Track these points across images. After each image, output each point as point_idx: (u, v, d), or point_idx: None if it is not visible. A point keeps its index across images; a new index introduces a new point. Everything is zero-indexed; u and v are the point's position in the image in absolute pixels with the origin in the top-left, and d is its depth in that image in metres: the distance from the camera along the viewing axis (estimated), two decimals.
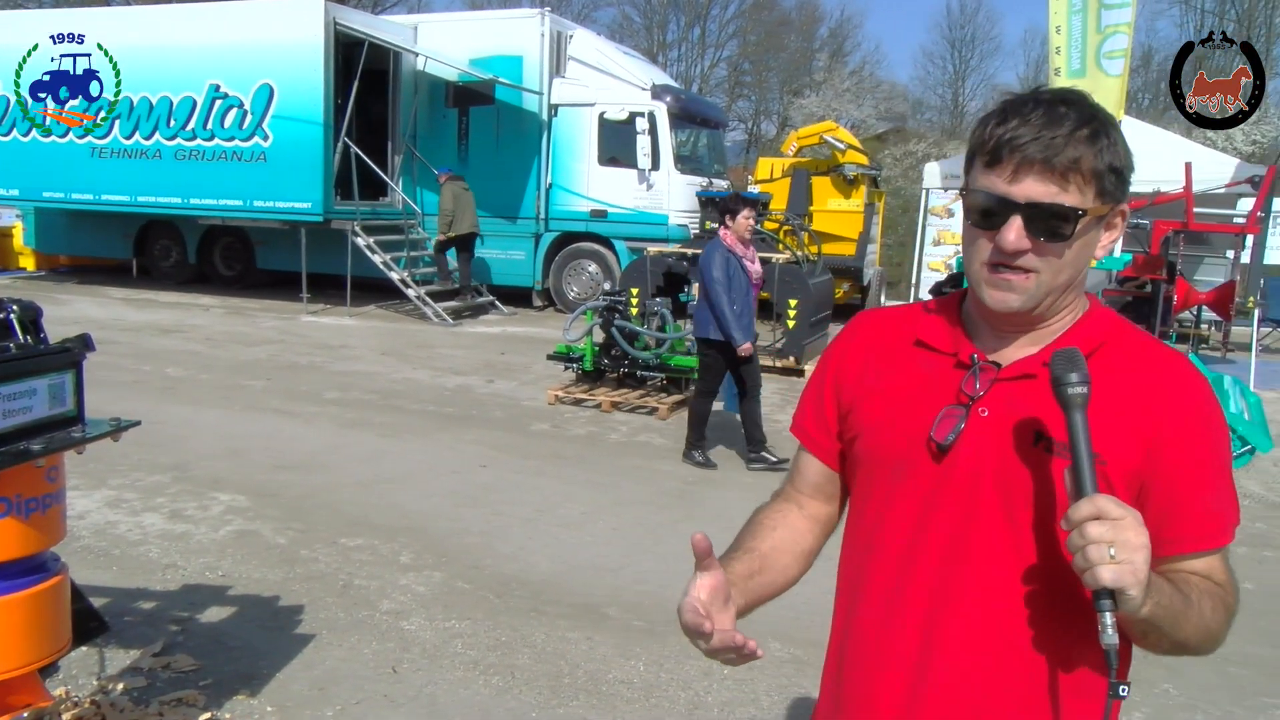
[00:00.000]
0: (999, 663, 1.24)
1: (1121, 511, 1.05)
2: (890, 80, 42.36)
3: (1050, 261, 1.20)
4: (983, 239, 1.23)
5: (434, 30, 14.55)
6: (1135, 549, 1.04)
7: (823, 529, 1.50)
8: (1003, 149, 1.19)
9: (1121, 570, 1.04)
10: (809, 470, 1.49)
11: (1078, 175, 1.17)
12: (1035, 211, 1.18)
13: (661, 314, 8.42)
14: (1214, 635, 1.21)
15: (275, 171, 13.08)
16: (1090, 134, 1.17)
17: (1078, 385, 1.13)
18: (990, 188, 1.21)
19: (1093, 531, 1.05)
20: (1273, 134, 25.16)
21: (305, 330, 11.83)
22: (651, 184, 13.42)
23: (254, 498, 5.48)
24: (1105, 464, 1.18)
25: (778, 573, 1.42)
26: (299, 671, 3.55)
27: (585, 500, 5.72)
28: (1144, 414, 1.21)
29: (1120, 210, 1.25)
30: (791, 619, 4.16)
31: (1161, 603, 1.11)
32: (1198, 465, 1.21)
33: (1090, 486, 1.10)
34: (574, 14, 33.38)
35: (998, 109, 1.23)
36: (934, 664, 1.26)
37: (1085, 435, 1.12)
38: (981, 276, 1.24)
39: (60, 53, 13.92)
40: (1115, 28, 10.20)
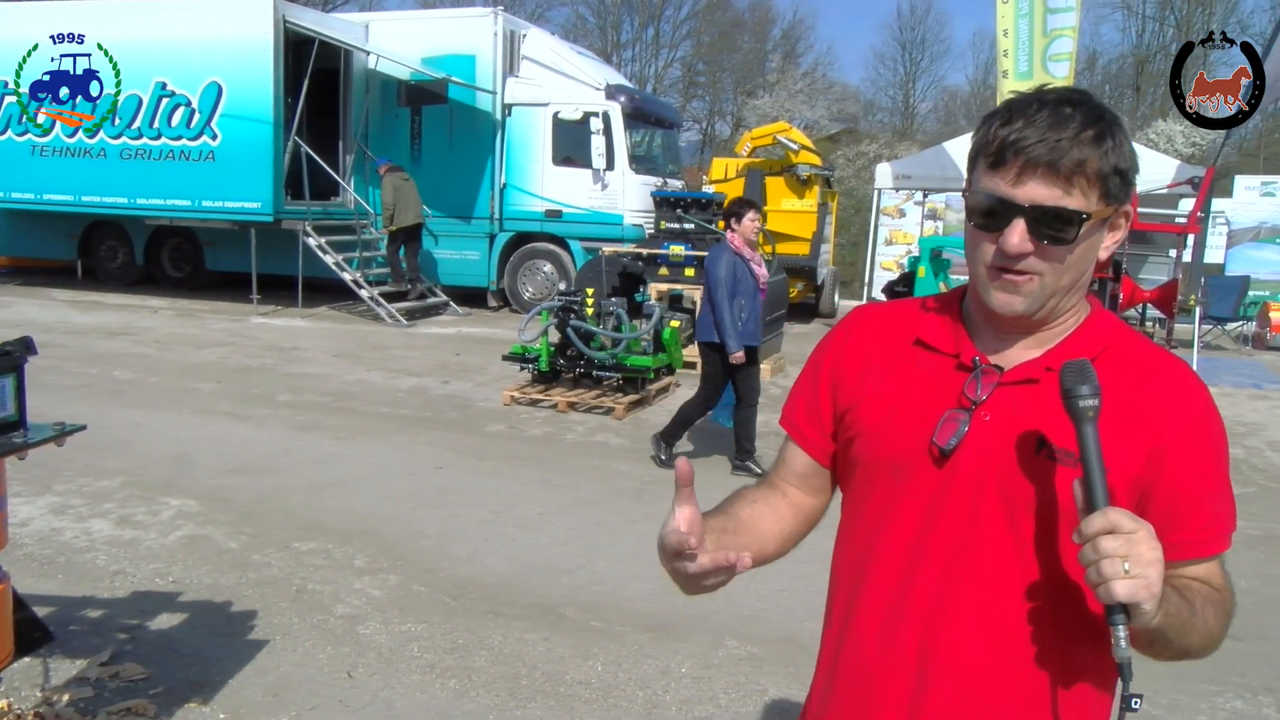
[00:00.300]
0: (1001, 673, 1.23)
1: (1135, 525, 1.04)
2: (842, 82, 42.88)
3: (1054, 265, 1.19)
4: (986, 241, 1.21)
5: (386, 29, 14.42)
6: (1149, 563, 1.03)
7: (804, 519, 1.47)
8: (1007, 151, 1.17)
9: (1136, 585, 1.03)
10: (795, 462, 1.46)
11: (1082, 178, 1.16)
12: (1039, 215, 1.16)
13: (617, 314, 8.42)
14: (1215, 640, 1.21)
15: (224, 171, 12.88)
16: (1095, 135, 1.16)
17: (1089, 398, 1.11)
18: (994, 190, 1.19)
19: (1106, 546, 1.03)
20: (1211, 137, 25.77)
21: (256, 332, 11.67)
22: (606, 184, 13.41)
23: (205, 502, 5.39)
24: (1108, 470, 1.16)
25: (753, 540, 1.37)
26: (252, 678, 3.50)
27: (542, 501, 5.71)
28: (1147, 421, 1.20)
29: (1124, 211, 1.23)
30: (748, 617, 4.19)
31: (1170, 612, 1.10)
32: (1200, 472, 1.21)
33: (1103, 500, 1.09)
34: (527, 13, 33.25)
35: (1003, 109, 1.21)
36: (934, 674, 1.25)
37: (1097, 448, 1.11)
38: (985, 278, 1.23)
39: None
40: (1060, 31, 10.40)
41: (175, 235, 14.80)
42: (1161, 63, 34.89)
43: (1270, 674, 3.83)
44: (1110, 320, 1.29)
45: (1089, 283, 1.27)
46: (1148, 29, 35.36)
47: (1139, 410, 1.21)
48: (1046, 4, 10.37)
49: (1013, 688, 1.22)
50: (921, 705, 1.25)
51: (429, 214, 13.80)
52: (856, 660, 1.32)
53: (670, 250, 10.31)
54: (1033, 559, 1.21)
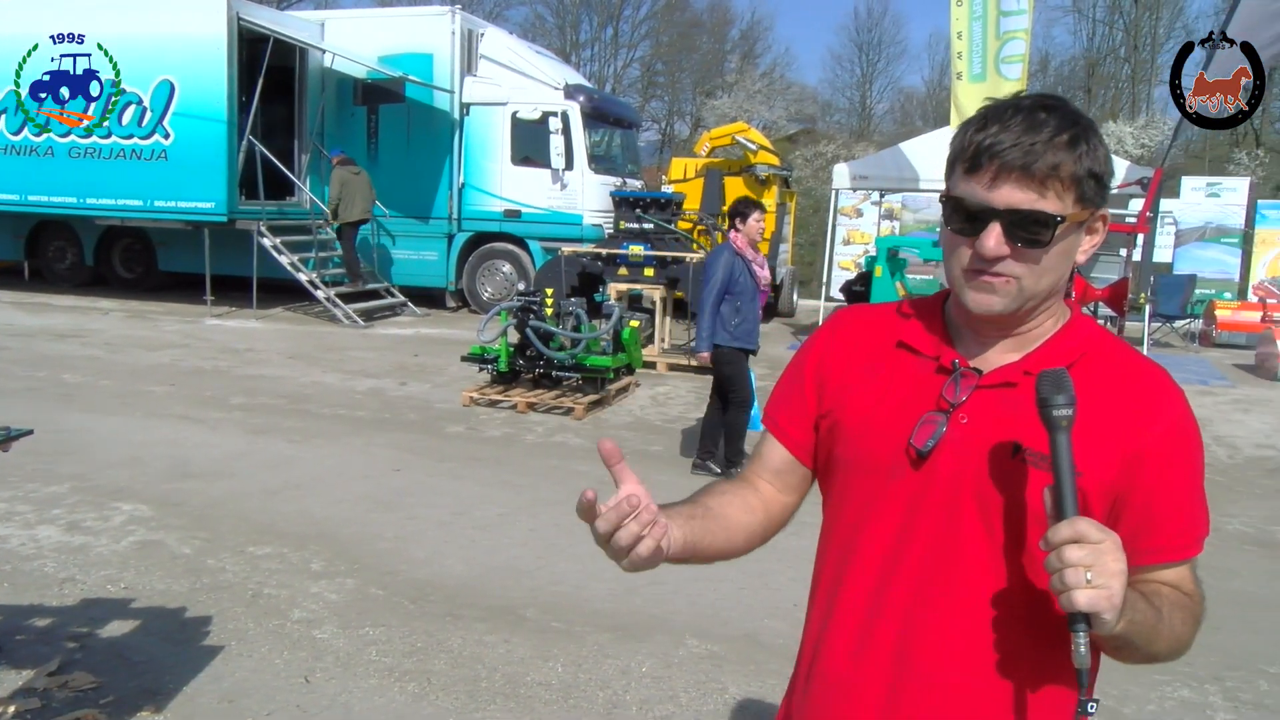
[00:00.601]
0: (975, 675, 1.23)
1: (1101, 535, 1.05)
2: (800, 82, 43.13)
3: (1030, 267, 1.20)
4: (963, 245, 1.22)
5: (341, 27, 14.29)
6: (1113, 575, 1.04)
7: (774, 517, 1.45)
8: (982, 155, 1.18)
9: (1098, 595, 1.04)
10: (772, 457, 1.45)
11: (1057, 181, 1.17)
12: (1014, 218, 1.17)
13: (577, 314, 8.41)
14: (1183, 645, 1.22)
15: (177, 170, 12.68)
16: (1070, 140, 1.17)
17: (1064, 408, 1.12)
18: (970, 194, 1.20)
19: (1071, 555, 1.05)
20: (1159, 138, 26.29)
21: (210, 334, 11.50)
22: (565, 184, 13.39)
23: (157, 507, 5.30)
24: (1082, 475, 1.17)
25: (719, 528, 1.36)
26: (207, 684, 3.45)
27: (501, 502, 5.69)
28: (1123, 427, 1.21)
29: (1100, 215, 1.24)
30: (708, 615, 4.21)
31: (1135, 619, 1.11)
32: (1175, 479, 1.22)
33: (1071, 509, 1.10)
34: (485, 12, 33.10)
35: (979, 115, 1.22)
36: (910, 676, 1.25)
37: (1069, 457, 1.11)
38: (963, 281, 1.24)
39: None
40: (1013, 34, 10.54)
41: (127, 235, 14.54)
42: (1111, 65, 35.57)
43: (1217, 663, 3.91)
44: (1089, 325, 1.30)
45: (1065, 286, 1.28)
46: (1098, 32, 36.01)
47: (1116, 416, 1.22)
48: (999, 7, 10.51)
49: (987, 690, 1.23)
50: (896, 707, 1.26)
51: (386, 213, 13.70)
52: (833, 661, 1.32)
53: (629, 250, 10.32)
54: (1008, 561, 1.22)
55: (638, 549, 1.17)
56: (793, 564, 4.55)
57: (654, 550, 1.19)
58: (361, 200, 12.85)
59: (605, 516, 1.15)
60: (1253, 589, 4.84)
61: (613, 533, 1.16)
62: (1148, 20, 34.14)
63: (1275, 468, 7.25)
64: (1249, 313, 13.66)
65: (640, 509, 1.17)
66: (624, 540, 1.16)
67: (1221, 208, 17.16)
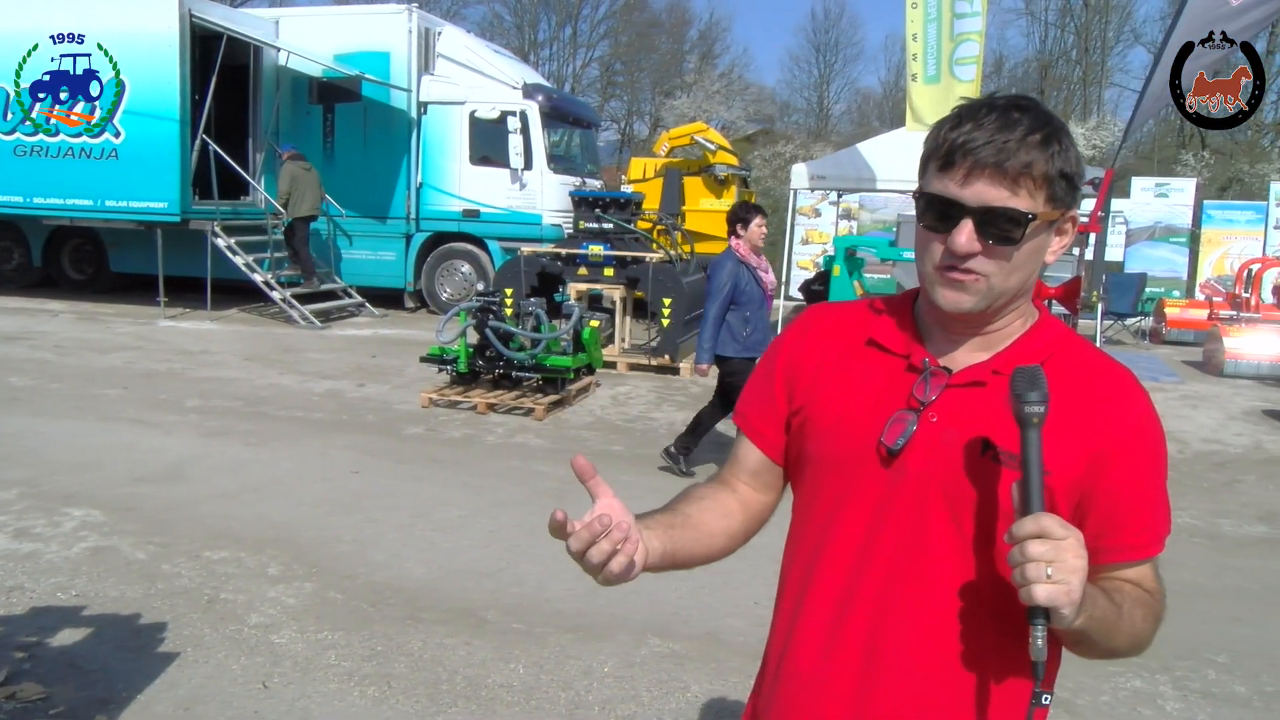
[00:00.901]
0: (944, 671, 1.25)
1: (1064, 532, 1.07)
2: (758, 83, 43.35)
3: (1000, 264, 1.21)
4: (935, 241, 1.23)
5: (296, 25, 14.13)
6: (1072, 570, 1.06)
7: (753, 516, 1.47)
8: (956, 153, 1.19)
9: (1056, 591, 1.05)
10: (748, 458, 1.46)
11: (1029, 180, 1.18)
12: (986, 215, 1.18)
13: (536, 314, 8.38)
14: (1142, 641, 1.24)
15: (128, 170, 12.46)
16: (1043, 139, 1.18)
17: (1036, 405, 1.13)
18: (943, 191, 1.21)
19: (1033, 550, 1.06)
20: (1110, 139, 26.76)
21: (163, 336, 11.31)
22: (524, 184, 13.34)
23: (110, 512, 5.21)
24: (1049, 474, 1.18)
25: (699, 536, 1.38)
26: (162, 692, 3.40)
27: (461, 504, 5.66)
28: (1089, 427, 1.23)
29: (1071, 216, 1.26)
30: (670, 615, 4.22)
31: (1095, 615, 1.13)
32: (1138, 479, 1.24)
33: (1037, 504, 1.11)
34: (442, 11, 32.87)
35: (953, 114, 1.23)
36: (880, 673, 1.26)
37: (1038, 454, 1.13)
38: (934, 278, 1.25)
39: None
40: (966, 35, 10.66)
41: (76, 236, 14.26)
42: (1063, 68, 36.14)
43: (1168, 654, 3.99)
44: (1057, 326, 1.32)
45: (1033, 286, 1.29)
46: (1050, 35, 36.56)
47: (1082, 416, 1.23)
48: (953, 9, 10.62)
49: (956, 685, 1.24)
50: (867, 703, 1.27)
51: (342, 212, 13.57)
52: (803, 657, 1.32)
53: (589, 250, 10.30)
54: (976, 558, 1.23)
55: (610, 566, 1.18)
56: (754, 562, 4.57)
57: (627, 565, 1.20)
58: (311, 196, 12.73)
59: (578, 535, 1.17)
60: (1201, 580, 4.94)
61: (585, 550, 1.17)
62: (1097, 24, 34.74)
63: (1222, 462, 7.42)
64: (1196, 310, 13.95)
65: (612, 527, 1.18)
66: (596, 559, 1.18)
67: (1170, 208, 17.51)
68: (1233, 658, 4.07)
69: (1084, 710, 3.57)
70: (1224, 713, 3.62)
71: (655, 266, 10.00)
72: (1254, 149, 28.92)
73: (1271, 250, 16.29)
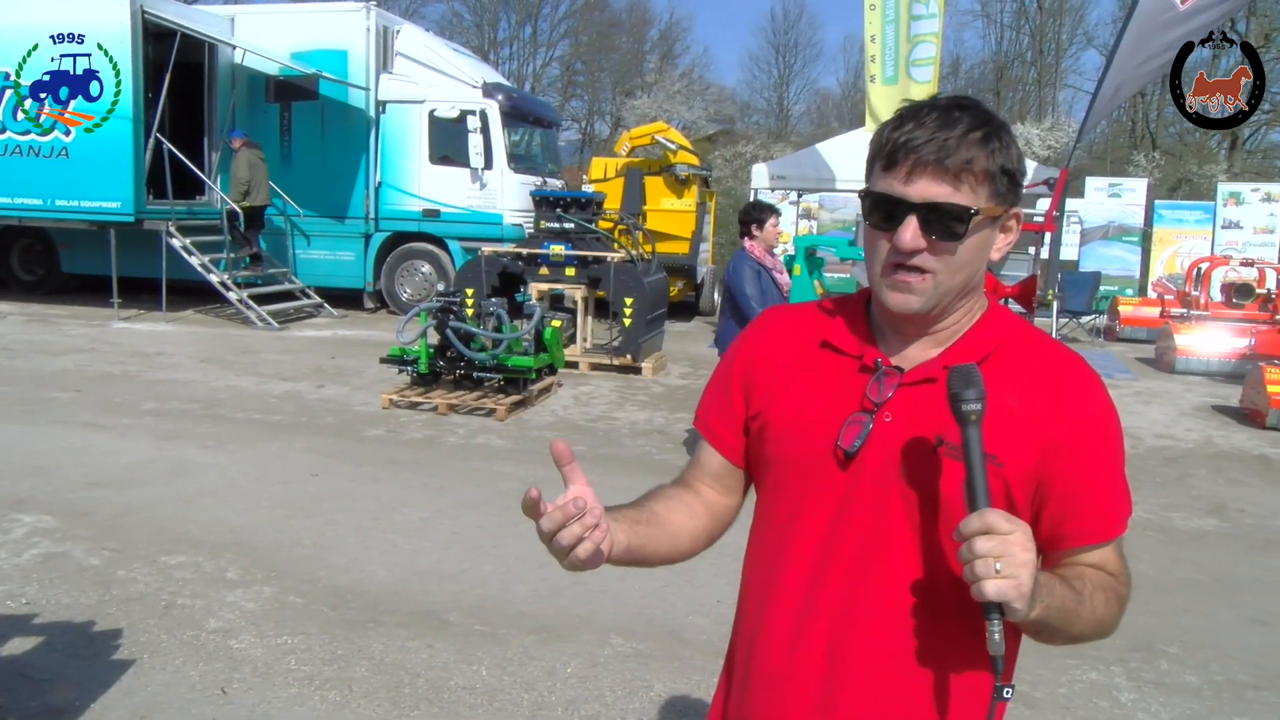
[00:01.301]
0: (907, 669, 1.25)
1: (1010, 527, 1.08)
2: (719, 83, 43.43)
3: (946, 260, 1.23)
4: (882, 240, 1.25)
5: (252, 22, 13.94)
6: (1021, 565, 1.07)
7: (718, 517, 1.48)
8: (899, 151, 1.21)
9: (1005, 585, 1.06)
10: (709, 462, 1.48)
11: (970, 176, 1.20)
12: (930, 211, 1.20)
13: (497, 314, 8.35)
14: (1106, 625, 1.25)
15: (79, 168, 12.24)
16: (983, 136, 1.21)
17: (973, 402, 1.15)
18: (887, 189, 1.23)
19: (980, 546, 1.07)
20: (1065, 139, 27.17)
21: (117, 337, 11.12)
22: (485, 183, 13.29)
23: (63, 518, 5.11)
24: (1003, 465, 1.21)
25: (664, 534, 1.39)
26: (117, 700, 3.34)
27: (422, 505, 5.62)
28: (1041, 415, 1.24)
29: (1014, 214, 1.28)
30: (633, 614, 4.22)
31: (1053, 604, 1.14)
32: (1093, 464, 1.25)
33: (982, 500, 1.12)
34: (401, 9, 32.59)
35: (895, 115, 1.26)
36: (843, 673, 1.27)
37: (980, 451, 1.14)
38: (881, 278, 1.27)
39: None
40: (923, 37, 10.78)
41: (25, 236, 13.97)
42: (1019, 69, 36.63)
43: (1122, 646, 4.06)
44: (1006, 316, 1.34)
45: (981, 282, 1.32)
46: (1005, 37, 37.04)
47: (1034, 404, 1.25)
48: (910, 10, 10.73)
49: (920, 682, 1.25)
50: (831, 704, 1.28)
51: (299, 212, 13.47)
52: (769, 658, 1.33)
53: (550, 250, 10.28)
54: (936, 555, 1.25)
55: (577, 550, 1.19)
56: (717, 561, 4.59)
57: (594, 553, 1.21)
58: (265, 186, 12.63)
59: (550, 516, 1.17)
60: (1154, 573, 5.04)
61: (556, 532, 1.18)
62: (1051, 26, 35.25)
63: (1174, 456, 7.56)
64: (1149, 309, 14.21)
65: (585, 511, 1.19)
66: (565, 541, 1.18)
67: (1122, 207, 17.82)
68: (1184, 648, 4.16)
69: (1042, 703, 3.62)
70: (1176, 702, 3.69)
71: (617, 266, 10.00)
72: (1202, 150, 29.51)
73: (1219, 249, 16.63)
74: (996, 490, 1.19)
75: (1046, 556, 1.27)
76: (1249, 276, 13.41)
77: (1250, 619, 4.54)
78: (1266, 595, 4.85)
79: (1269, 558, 5.42)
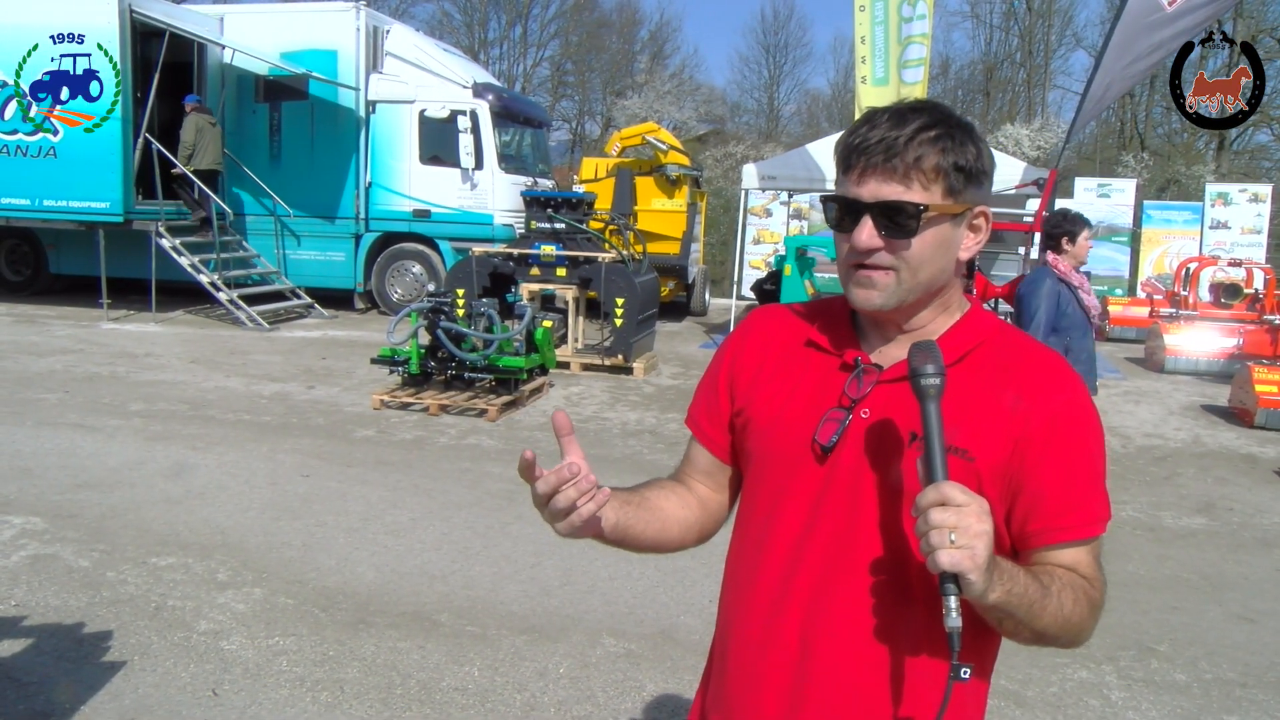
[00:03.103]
0: (878, 659, 1.26)
1: (966, 499, 1.09)
2: (709, 84, 43.51)
3: (904, 257, 1.25)
4: (844, 241, 1.29)
5: (241, 22, 13.88)
6: (976, 535, 1.08)
7: (709, 514, 1.51)
8: (852, 154, 1.25)
9: (959, 555, 1.07)
10: (699, 459, 1.52)
11: (920, 173, 1.23)
12: (880, 209, 1.23)
13: (488, 314, 8.34)
14: (1075, 627, 1.24)
15: (68, 169, 12.17)
16: (935, 135, 1.23)
17: (932, 376, 1.17)
18: (844, 192, 1.27)
19: (935, 517, 1.08)
20: (1054, 140, 27.27)
21: (106, 338, 11.07)
22: (475, 183, 13.27)
23: (51, 519, 5.09)
24: (974, 460, 1.22)
25: (653, 519, 1.42)
26: (106, 703, 3.33)
27: (412, 506, 5.61)
28: (1014, 410, 1.25)
29: (980, 211, 1.30)
30: (624, 614, 4.22)
31: (1015, 591, 1.14)
32: (1064, 462, 1.25)
33: (940, 474, 1.13)
34: (391, 9, 32.53)
35: (855, 121, 1.29)
36: (815, 663, 1.28)
37: (938, 425, 1.16)
38: (845, 277, 1.30)
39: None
40: (913, 38, 10.80)
41: (12, 236, 13.91)
42: (1008, 70, 36.74)
43: (1111, 644, 4.08)
44: (987, 317, 1.36)
45: (953, 280, 1.33)
46: (995, 38, 37.13)
47: (1008, 400, 1.26)
48: (900, 12, 10.76)
49: (890, 673, 1.26)
50: (803, 694, 1.29)
51: (289, 212, 13.42)
52: (743, 651, 1.36)
53: (541, 250, 10.27)
54: (904, 547, 1.26)
55: (579, 511, 1.22)
56: (707, 560, 4.59)
57: (591, 516, 1.24)
58: (214, 149, 12.56)
59: (545, 479, 1.21)
60: (1143, 572, 5.06)
61: (552, 495, 1.21)
62: (1040, 27, 35.35)
63: (1163, 456, 7.60)
64: (1138, 308, 14.26)
65: (580, 477, 1.22)
66: (561, 503, 1.22)
67: (1111, 207, 17.88)
68: (1173, 646, 4.18)
69: (1032, 702, 3.63)
70: (1165, 700, 3.71)
71: (608, 266, 9.99)
72: (1189, 151, 29.64)
73: (1207, 250, 16.71)
74: (969, 484, 1.19)
75: (1018, 556, 1.28)
76: (1237, 276, 13.49)
77: (1238, 616, 4.56)
78: (1253, 593, 4.88)
79: (1256, 556, 5.45)
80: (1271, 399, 8.48)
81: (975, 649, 1.30)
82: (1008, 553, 1.28)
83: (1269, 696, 3.78)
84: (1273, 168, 29.63)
